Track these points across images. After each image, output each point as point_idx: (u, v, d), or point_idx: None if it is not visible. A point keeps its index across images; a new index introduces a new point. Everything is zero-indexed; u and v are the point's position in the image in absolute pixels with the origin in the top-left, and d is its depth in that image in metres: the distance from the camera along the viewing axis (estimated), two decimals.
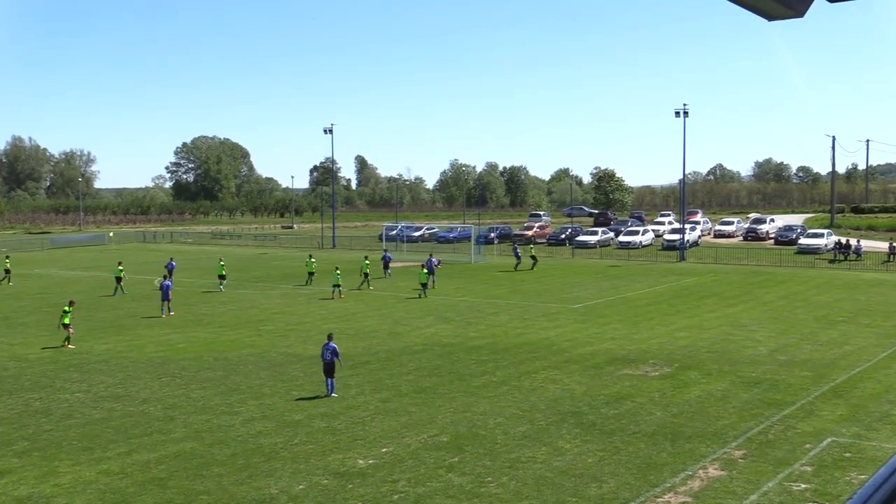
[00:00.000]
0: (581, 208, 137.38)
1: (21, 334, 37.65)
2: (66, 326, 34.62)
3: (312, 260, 58.56)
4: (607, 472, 19.12)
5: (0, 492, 18.29)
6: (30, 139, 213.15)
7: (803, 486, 18.12)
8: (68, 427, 23.07)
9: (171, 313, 42.92)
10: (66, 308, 35.12)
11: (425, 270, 50.96)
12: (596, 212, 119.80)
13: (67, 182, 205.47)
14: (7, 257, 62.88)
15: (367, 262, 53.26)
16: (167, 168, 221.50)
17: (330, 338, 26.57)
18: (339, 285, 48.82)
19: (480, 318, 40.96)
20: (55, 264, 73.30)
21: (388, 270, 59.08)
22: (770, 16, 3.22)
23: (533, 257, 64.57)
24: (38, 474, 19.38)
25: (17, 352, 33.69)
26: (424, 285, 49.87)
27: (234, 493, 18.07)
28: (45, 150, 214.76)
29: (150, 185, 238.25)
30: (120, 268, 53.08)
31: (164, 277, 46.44)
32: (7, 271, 59.16)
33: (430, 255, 57.18)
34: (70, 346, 34.46)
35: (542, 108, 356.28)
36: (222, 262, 55.52)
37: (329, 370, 26.11)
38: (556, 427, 22.66)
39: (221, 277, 53.65)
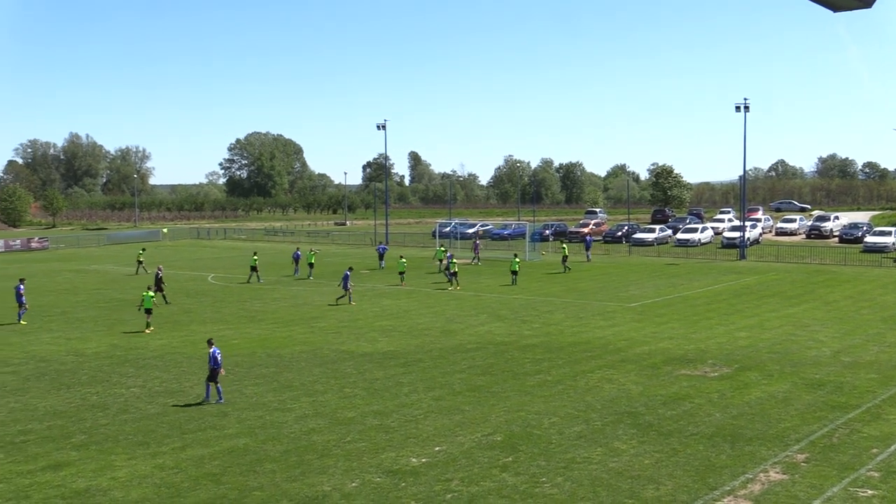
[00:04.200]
0: (791, 203, 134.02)
1: (78, 329, 38.18)
2: (148, 311, 37.38)
3: (443, 249, 63.06)
4: (664, 473, 18.70)
5: (59, 484, 18.47)
6: (87, 136, 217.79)
7: (870, 492, 17.52)
8: (124, 421, 23.26)
9: (353, 303, 45.05)
10: (148, 293, 37.76)
11: (517, 259, 53.85)
12: (808, 206, 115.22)
13: (123, 179, 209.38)
14: (143, 250, 66.42)
15: (403, 260, 55.30)
16: (221, 164, 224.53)
17: (210, 343, 25.68)
18: (403, 272, 53.49)
19: (535, 316, 40.58)
20: (111, 260, 74.46)
21: (383, 262, 63.24)
22: (836, 7, 3.11)
23: (564, 258, 60.67)
24: (95, 467, 19.54)
25: (75, 346, 34.16)
26: (515, 273, 52.71)
27: (287, 489, 17.99)
28: (101, 146, 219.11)
29: (204, 181, 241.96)
30: (255, 257, 56.93)
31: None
32: (139, 262, 62.21)
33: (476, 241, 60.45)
34: (151, 328, 37.28)
35: (599, 103, 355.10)
36: (313, 251, 59.86)
37: (213, 376, 25.17)
38: (612, 427, 22.26)
39: (311, 266, 57.16)
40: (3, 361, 31.39)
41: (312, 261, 57.57)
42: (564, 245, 63.15)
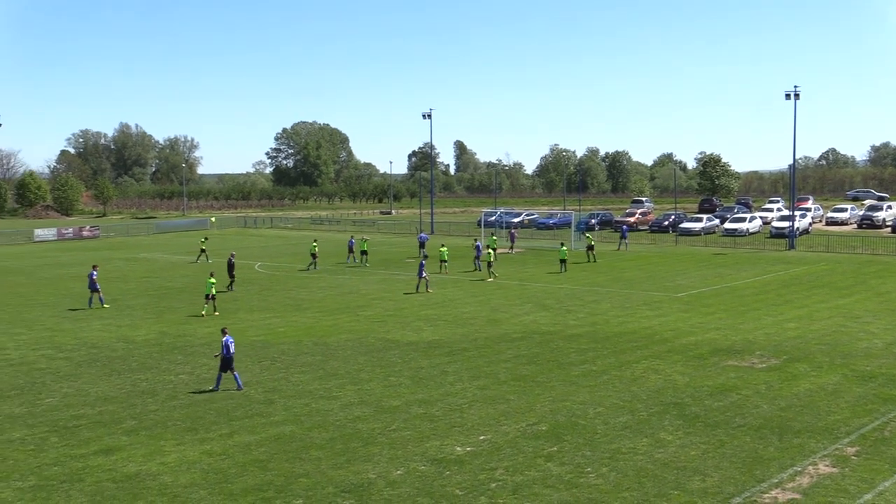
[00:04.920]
0: (869, 192, 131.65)
1: (128, 317, 38.79)
2: (211, 297, 38.78)
3: (494, 237, 63.81)
4: (711, 465, 18.55)
5: (110, 468, 18.83)
6: (136, 126, 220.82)
7: None
8: (173, 408, 23.60)
9: (430, 290, 45.44)
10: (211, 280, 39.03)
11: (564, 247, 54.91)
12: (886, 195, 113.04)
13: (172, 168, 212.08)
14: (205, 238, 68.23)
15: (444, 249, 55.61)
16: (267, 154, 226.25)
17: (224, 332, 25.88)
18: (445, 260, 53.87)
19: (580, 305, 40.40)
20: (160, 249, 75.51)
21: (424, 251, 63.42)
22: None
23: (590, 247, 60.24)
24: (145, 452, 19.87)
25: (125, 333, 34.72)
26: (564, 261, 53.86)
27: (333, 476, 18.14)
28: (150, 136, 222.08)
29: (251, 170, 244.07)
30: (314, 244, 58.71)
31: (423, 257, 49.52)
32: (203, 251, 63.93)
33: (513, 229, 62.16)
34: (216, 313, 38.75)
35: (646, 91, 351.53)
36: (366, 239, 61.88)
37: (227, 364, 25.34)
38: (657, 418, 22.11)
39: (364, 253, 59.03)
40: (57, 347, 32.05)
41: (365, 248, 59.27)
42: (588, 234, 63.72)
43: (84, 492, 17.49)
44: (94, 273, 41.92)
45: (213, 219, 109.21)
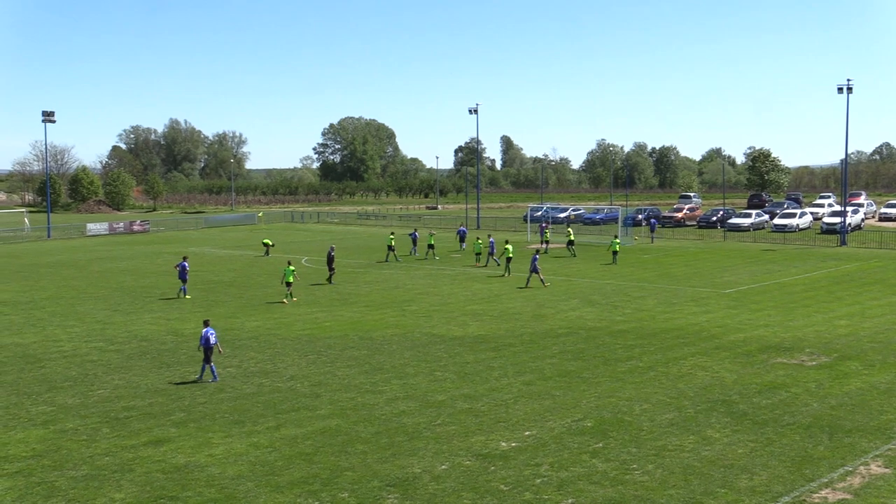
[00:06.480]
0: None
1: (178, 310, 39.29)
2: (288, 284, 40.59)
3: (548, 231, 65.02)
4: (759, 463, 18.34)
5: (160, 459, 19.12)
6: (186, 122, 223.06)
7: None
8: (220, 400, 23.88)
9: (546, 284, 45.41)
10: (290, 267, 40.99)
11: (617, 240, 56.74)
12: None
13: (220, 163, 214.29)
14: (272, 244, 67.26)
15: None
16: (315, 149, 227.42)
17: (206, 323, 26.27)
18: (480, 253, 55.05)
19: (627, 301, 40.13)
20: (209, 243, 76.27)
21: (464, 244, 65.70)
22: None
23: (570, 242, 61.25)
24: (193, 444, 20.15)
25: (174, 327, 35.19)
26: (616, 253, 55.16)
27: (378, 470, 18.24)
28: (199, 132, 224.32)
29: (299, 165, 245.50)
30: (392, 236, 59.63)
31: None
32: (265, 245, 64.95)
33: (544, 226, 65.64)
34: (294, 299, 40.84)
35: (694, 85, 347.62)
36: (433, 233, 63.85)
37: (207, 356, 25.82)
38: (704, 415, 21.91)
39: (431, 247, 60.25)
40: (108, 340, 32.59)
41: (432, 242, 60.47)
42: (570, 229, 64.73)
43: (134, 482, 17.78)
44: (186, 263, 43.27)
45: (260, 213, 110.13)
